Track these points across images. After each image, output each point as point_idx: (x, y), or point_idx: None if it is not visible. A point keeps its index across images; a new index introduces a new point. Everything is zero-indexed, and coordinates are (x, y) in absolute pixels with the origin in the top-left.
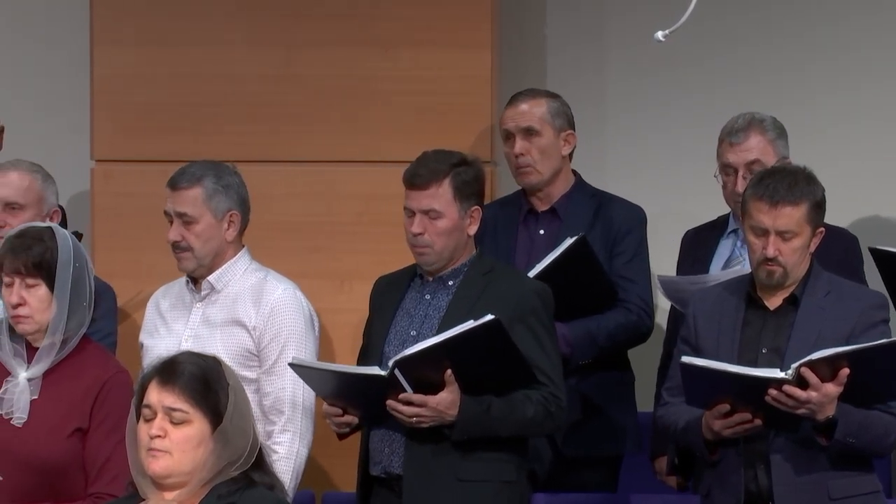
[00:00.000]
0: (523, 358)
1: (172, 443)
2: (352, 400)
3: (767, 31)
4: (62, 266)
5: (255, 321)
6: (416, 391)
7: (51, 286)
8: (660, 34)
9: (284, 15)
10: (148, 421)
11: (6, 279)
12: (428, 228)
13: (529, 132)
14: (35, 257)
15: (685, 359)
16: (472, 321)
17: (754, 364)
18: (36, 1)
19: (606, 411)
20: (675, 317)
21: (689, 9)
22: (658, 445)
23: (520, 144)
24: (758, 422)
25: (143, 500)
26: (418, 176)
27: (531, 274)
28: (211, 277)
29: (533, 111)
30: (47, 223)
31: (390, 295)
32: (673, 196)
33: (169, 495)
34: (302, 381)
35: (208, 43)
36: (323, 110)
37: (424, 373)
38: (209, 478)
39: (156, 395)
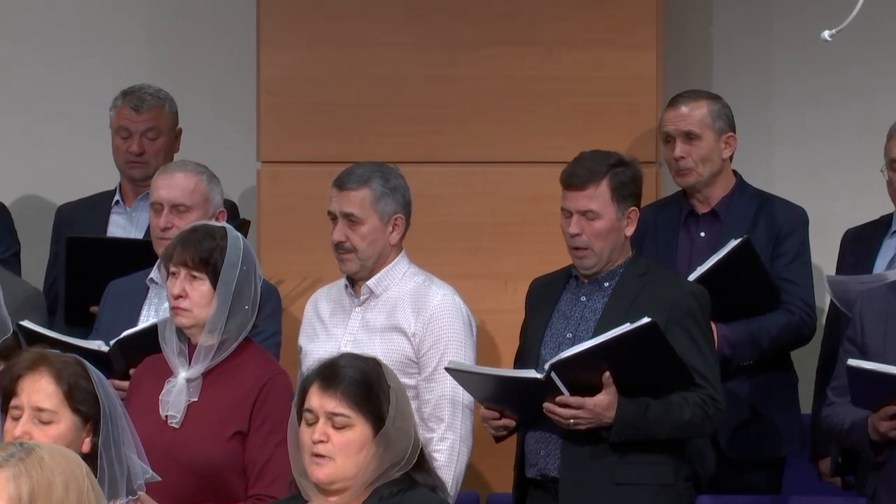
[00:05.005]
0: (680, 360)
1: (335, 447)
2: (508, 403)
3: None
4: (229, 266)
5: (415, 328)
6: (572, 393)
7: (214, 284)
8: (826, 34)
9: (449, 16)
10: (310, 425)
11: (172, 269)
12: (585, 229)
13: (690, 136)
14: (203, 252)
15: (851, 362)
16: (628, 324)
17: None
18: (204, 2)
19: (770, 413)
20: (835, 317)
21: (855, 8)
22: (820, 446)
23: (680, 148)
24: None
25: (307, 501)
26: (576, 176)
27: (694, 275)
28: (370, 282)
29: (693, 114)
30: (223, 223)
31: (546, 296)
32: (838, 198)
33: (332, 498)
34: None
35: (373, 44)
36: (487, 111)
37: (580, 375)
38: (372, 480)
39: (317, 400)
